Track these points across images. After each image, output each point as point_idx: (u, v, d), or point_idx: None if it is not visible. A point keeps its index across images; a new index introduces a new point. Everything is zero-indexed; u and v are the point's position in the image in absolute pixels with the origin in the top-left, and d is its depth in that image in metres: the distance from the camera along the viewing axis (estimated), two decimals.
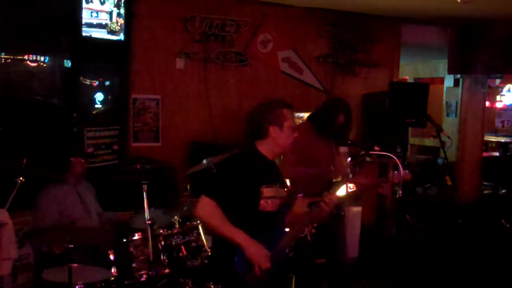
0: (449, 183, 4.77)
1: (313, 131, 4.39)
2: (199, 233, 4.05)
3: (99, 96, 5.21)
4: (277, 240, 3.05)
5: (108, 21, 5.12)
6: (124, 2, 5.30)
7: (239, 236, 2.91)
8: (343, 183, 3.23)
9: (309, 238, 4.18)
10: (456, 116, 8.74)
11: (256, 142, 3.14)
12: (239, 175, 2.99)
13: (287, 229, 3.15)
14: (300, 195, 3.28)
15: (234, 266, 2.90)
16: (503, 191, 9.23)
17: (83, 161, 4.34)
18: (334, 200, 3.18)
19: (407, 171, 3.86)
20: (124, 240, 3.95)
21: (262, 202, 3.02)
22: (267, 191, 3.03)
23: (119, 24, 5.26)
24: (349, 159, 3.30)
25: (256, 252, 2.91)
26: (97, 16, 5.01)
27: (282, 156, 4.17)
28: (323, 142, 4.39)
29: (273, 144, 3.11)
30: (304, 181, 4.29)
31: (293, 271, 5.41)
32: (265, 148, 3.12)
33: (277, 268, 3.01)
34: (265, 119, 3.08)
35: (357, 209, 6.06)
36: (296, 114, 6.17)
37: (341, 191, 4.33)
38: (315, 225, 4.18)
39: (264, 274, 2.93)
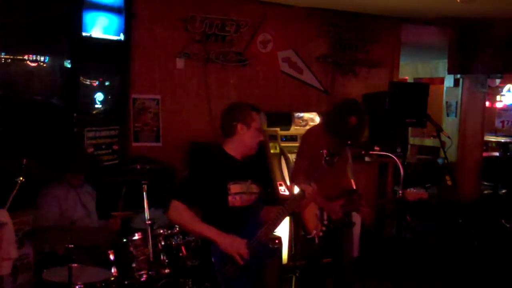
0: (449, 183, 4.76)
1: (326, 134, 4.34)
2: None
3: (99, 96, 5.20)
4: (252, 232, 3.13)
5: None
6: (124, 3, 5.30)
7: (211, 232, 3.05)
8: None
9: (316, 240, 4.19)
10: (456, 116, 8.73)
11: (224, 141, 3.32)
12: (204, 174, 3.16)
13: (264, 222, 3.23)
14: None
15: (211, 259, 3.00)
16: (503, 191, 9.22)
17: (80, 177, 4.34)
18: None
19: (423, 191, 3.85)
20: (124, 240, 3.96)
21: (230, 198, 3.15)
22: (234, 187, 3.17)
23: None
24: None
25: (230, 242, 3.03)
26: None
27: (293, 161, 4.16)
28: (337, 144, 4.36)
29: (239, 143, 3.27)
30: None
31: (293, 271, 5.41)
32: (231, 147, 3.29)
33: (256, 258, 3.10)
34: (234, 117, 3.27)
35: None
36: (296, 114, 6.25)
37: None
38: (323, 228, 4.21)
39: (245, 262, 3.02)
